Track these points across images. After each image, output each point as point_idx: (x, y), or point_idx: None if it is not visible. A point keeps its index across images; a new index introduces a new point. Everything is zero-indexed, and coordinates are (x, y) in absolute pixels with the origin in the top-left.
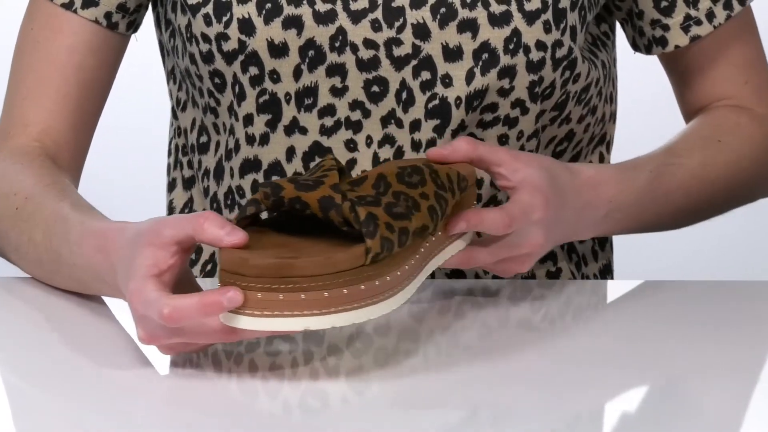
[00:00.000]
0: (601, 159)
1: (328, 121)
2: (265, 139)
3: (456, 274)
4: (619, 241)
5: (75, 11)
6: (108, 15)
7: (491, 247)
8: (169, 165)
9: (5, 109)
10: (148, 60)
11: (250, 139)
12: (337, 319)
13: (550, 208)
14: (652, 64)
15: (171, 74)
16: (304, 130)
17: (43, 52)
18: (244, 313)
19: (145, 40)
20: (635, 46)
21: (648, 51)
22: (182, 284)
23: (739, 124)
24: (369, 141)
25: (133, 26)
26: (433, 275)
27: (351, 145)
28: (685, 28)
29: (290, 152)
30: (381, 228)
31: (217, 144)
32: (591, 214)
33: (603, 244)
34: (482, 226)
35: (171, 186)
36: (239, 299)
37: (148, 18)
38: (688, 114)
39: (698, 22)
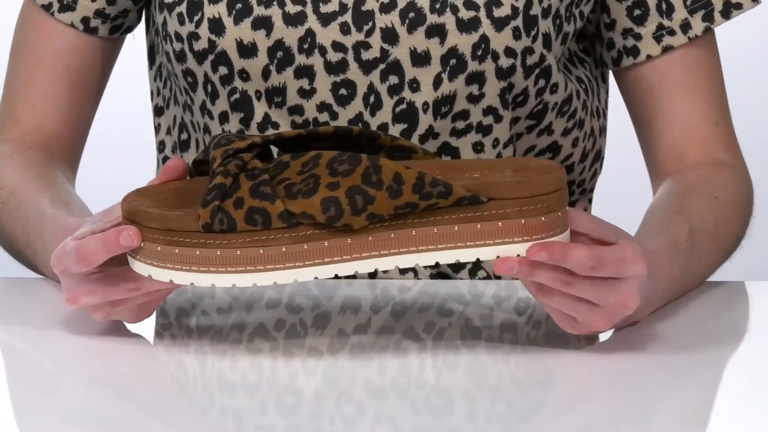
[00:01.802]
0: (595, 174)
1: (298, 119)
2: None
3: (441, 275)
4: None
5: (53, 14)
6: (85, 20)
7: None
8: (158, 160)
9: (2, 101)
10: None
11: None
12: (176, 276)
13: (645, 271)
14: None
15: (158, 71)
16: (276, 126)
17: (32, 52)
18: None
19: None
20: (601, 61)
21: (616, 63)
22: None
23: (724, 178)
24: None
25: (121, 30)
26: (416, 274)
27: None
28: (658, 38)
29: None
30: (228, 201)
31: (197, 141)
32: (651, 290)
33: None
34: (567, 263)
35: None
36: (132, 238)
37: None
38: (661, 160)
39: (671, 32)
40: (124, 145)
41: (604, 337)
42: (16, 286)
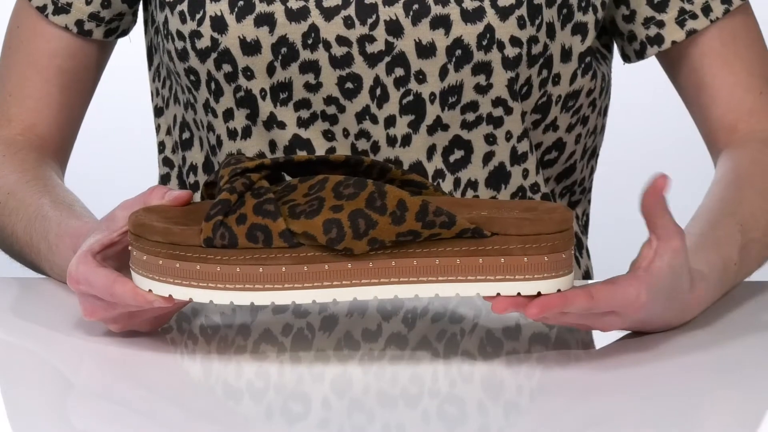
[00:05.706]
0: (592, 172)
1: (305, 114)
2: (247, 133)
3: None
4: (598, 247)
5: (47, 16)
6: (79, 23)
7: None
8: (159, 161)
9: None
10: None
11: (231, 134)
12: (175, 290)
13: (640, 312)
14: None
15: (157, 72)
16: (282, 125)
17: (26, 53)
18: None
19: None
20: (624, 56)
21: (640, 56)
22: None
23: None
24: (346, 133)
25: (116, 33)
26: None
27: (329, 135)
28: (681, 23)
29: (272, 145)
30: (231, 216)
31: (200, 139)
32: (680, 317)
33: (580, 250)
34: (568, 308)
35: (163, 180)
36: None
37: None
38: (713, 134)
39: (693, 16)
40: (127, 145)
41: (612, 339)
42: (16, 286)
